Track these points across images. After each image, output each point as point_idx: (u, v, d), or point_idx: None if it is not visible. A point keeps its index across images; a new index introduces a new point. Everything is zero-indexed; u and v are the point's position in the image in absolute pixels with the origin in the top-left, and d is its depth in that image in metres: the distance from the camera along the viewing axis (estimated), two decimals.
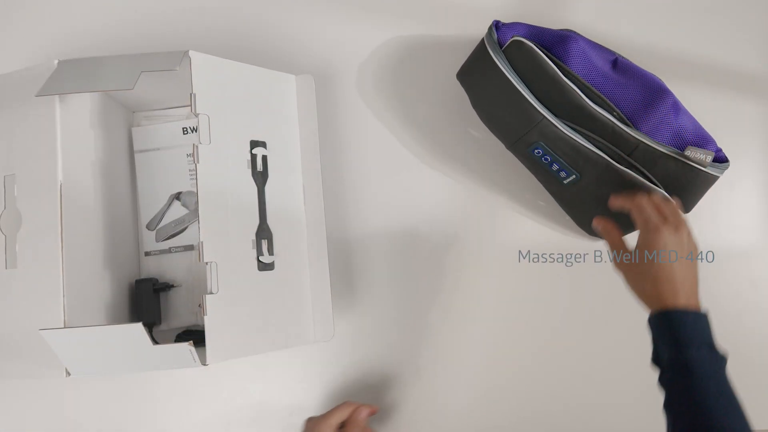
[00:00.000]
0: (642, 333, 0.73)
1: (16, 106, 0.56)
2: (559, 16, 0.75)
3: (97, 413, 0.70)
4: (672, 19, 0.76)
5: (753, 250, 0.74)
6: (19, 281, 0.54)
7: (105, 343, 0.53)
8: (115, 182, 0.67)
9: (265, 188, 0.62)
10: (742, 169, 0.73)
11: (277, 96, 0.65)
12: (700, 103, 0.65)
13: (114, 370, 0.60)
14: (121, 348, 0.54)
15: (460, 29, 0.74)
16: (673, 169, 0.58)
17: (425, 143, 0.74)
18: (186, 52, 0.56)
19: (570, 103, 0.59)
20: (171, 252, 0.68)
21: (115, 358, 0.55)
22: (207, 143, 0.56)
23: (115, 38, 0.75)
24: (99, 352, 0.54)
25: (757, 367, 0.72)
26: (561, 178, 0.63)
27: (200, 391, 0.70)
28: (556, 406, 0.71)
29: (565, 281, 0.72)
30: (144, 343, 0.51)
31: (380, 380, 0.70)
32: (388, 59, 0.75)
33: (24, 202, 0.55)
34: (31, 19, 0.75)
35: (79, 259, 0.56)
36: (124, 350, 0.54)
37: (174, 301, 0.70)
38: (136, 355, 0.54)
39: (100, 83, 0.55)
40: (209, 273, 0.55)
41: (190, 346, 0.52)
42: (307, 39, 0.75)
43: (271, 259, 0.61)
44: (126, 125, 0.71)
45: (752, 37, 0.76)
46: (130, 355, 0.55)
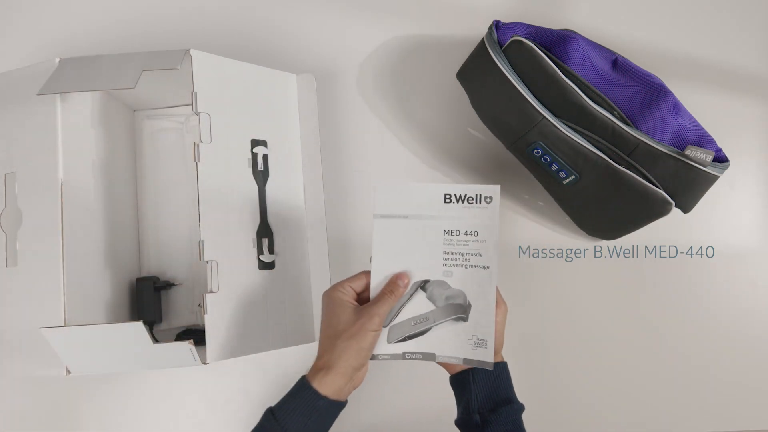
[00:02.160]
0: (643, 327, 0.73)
1: (17, 105, 0.56)
2: (559, 16, 0.75)
3: (97, 412, 0.70)
4: (672, 19, 0.76)
5: (753, 250, 0.74)
6: (20, 279, 0.54)
7: (105, 341, 0.53)
8: (116, 181, 0.67)
9: (266, 187, 0.62)
10: (742, 169, 0.73)
11: (279, 95, 0.65)
12: (700, 103, 0.65)
13: (114, 368, 0.60)
14: (121, 347, 0.54)
15: (460, 29, 0.74)
16: (673, 169, 0.58)
17: (425, 143, 0.74)
18: (187, 51, 0.56)
19: (570, 102, 0.59)
20: (405, 358, 0.52)
21: (115, 356, 0.55)
22: (208, 142, 0.56)
23: (116, 37, 0.75)
24: (99, 350, 0.54)
25: (756, 367, 0.73)
26: (560, 178, 0.63)
27: (200, 391, 0.70)
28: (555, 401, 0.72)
29: (565, 276, 0.72)
30: (144, 342, 0.51)
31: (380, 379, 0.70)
32: (389, 59, 0.75)
33: (25, 200, 0.55)
34: (32, 17, 0.76)
35: (79, 257, 0.57)
36: (125, 349, 0.54)
37: (174, 300, 0.70)
38: (137, 353, 0.54)
39: (101, 82, 0.55)
40: (209, 272, 0.55)
41: (191, 344, 0.52)
42: (309, 38, 0.75)
43: (272, 258, 0.61)
44: (127, 124, 0.71)
45: (752, 37, 0.76)
46: (131, 354, 0.55)
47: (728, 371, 0.72)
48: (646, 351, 0.72)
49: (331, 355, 0.48)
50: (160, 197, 0.72)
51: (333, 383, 0.47)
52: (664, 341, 0.72)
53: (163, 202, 0.71)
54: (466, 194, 0.51)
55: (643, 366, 0.72)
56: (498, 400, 0.51)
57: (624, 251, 0.73)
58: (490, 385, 0.51)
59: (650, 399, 0.72)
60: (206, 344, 0.53)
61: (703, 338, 0.72)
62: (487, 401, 0.50)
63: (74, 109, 0.58)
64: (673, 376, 0.72)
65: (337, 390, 0.47)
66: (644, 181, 0.59)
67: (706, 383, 0.72)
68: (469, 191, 0.51)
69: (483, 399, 0.51)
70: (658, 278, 0.73)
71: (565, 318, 0.72)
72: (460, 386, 0.53)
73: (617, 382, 0.71)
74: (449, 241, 0.51)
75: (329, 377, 0.47)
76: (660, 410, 0.72)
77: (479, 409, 0.50)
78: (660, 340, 0.72)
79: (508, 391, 0.52)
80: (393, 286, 0.51)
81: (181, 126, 0.73)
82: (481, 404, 0.50)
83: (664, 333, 0.72)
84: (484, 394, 0.51)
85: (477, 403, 0.50)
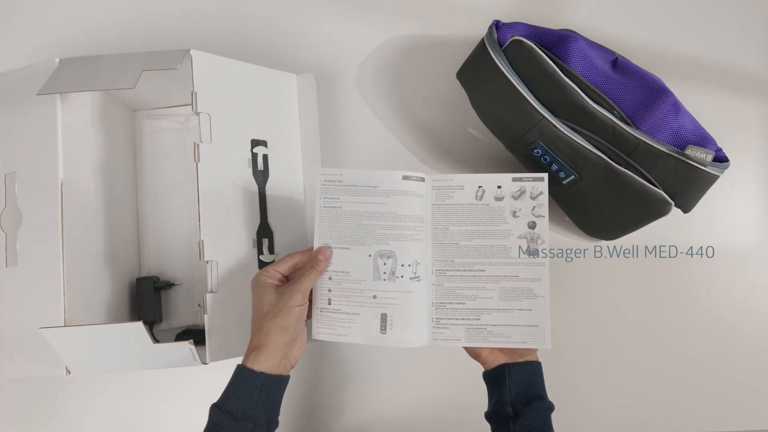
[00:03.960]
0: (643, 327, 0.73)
1: (17, 105, 0.56)
2: (559, 16, 0.75)
3: (97, 411, 0.70)
4: (672, 19, 0.76)
5: (753, 250, 0.74)
6: (20, 279, 0.54)
7: (105, 341, 0.53)
8: (116, 181, 0.67)
9: (266, 187, 0.62)
10: (742, 169, 0.73)
11: (279, 95, 0.65)
12: (700, 103, 0.65)
13: (114, 368, 0.60)
14: (121, 346, 0.54)
15: (460, 29, 0.74)
16: (673, 169, 0.58)
17: (425, 143, 0.74)
18: (187, 51, 0.56)
19: (570, 102, 0.59)
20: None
21: (115, 356, 0.55)
22: (208, 142, 0.56)
23: (116, 37, 0.75)
24: (99, 350, 0.54)
25: (756, 367, 0.73)
26: (560, 178, 0.63)
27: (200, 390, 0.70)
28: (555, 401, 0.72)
29: (565, 276, 0.72)
30: (144, 342, 0.51)
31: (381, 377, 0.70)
32: (389, 59, 0.75)
33: (25, 200, 0.55)
34: (32, 17, 0.76)
35: (79, 257, 0.57)
36: (125, 349, 0.54)
37: (174, 300, 0.70)
38: (137, 353, 0.54)
39: (101, 82, 0.55)
40: (210, 272, 0.55)
41: (191, 344, 0.52)
42: (309, 38, 0.75)
43: (272, 258, 0.61)
44: (127, 124, 0.71)
45: (752, 37, 0.76)
46: (131, 354, 0.55)
47: (728, 371, 0.72)
48: (646, 351, 0.72)
49: (260, 335, 0.50)
50: (160, 197, 0.72)
51: (266, 360, 0.49)
52: (664, 341, 0.72)
53: (163, 202, 0.71)
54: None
55: (643, 366, 0.72)
56: (531, 395, 0.52)
57: (624, 251, 0.73)
58: (524, 381, 0.53)
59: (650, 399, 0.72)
60: (206, 344, 0.54)
61: (703, 338, 0.72)
62: (520, 396, 0.52)
63: (74, 109, 0.58)
64: (673, 375, 0.72)
65: (272, 366, 0.49)
66: (644, 181, 0.59)
67: (706, 383, 0.72)
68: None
69: (517, 393, 0.52)
70: (658, 278, 0.73)
71: (565, 318, 0.72)
72: (494, 380, 0.54)
73: (617, 381, 0.71)
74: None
75: (261, 355, 0.49)
76: (660, 410, 0.72)
77: (512, 401, 0.52)
78: (660, 340, 0.72)
79: (541, 389, 0.54)
80: (314, 261, 0.53)
81: (181, 126, 0.73)
82: (515, 398, 0.52)
83: (664, 333, 0.72)
84: (518, 389, 0.52)
85: (510, 396, 0.52)
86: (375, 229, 0.54)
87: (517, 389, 0.52)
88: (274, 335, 0.49)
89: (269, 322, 0.50)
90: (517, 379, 0.53)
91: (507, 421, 0.51)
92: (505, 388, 0.52)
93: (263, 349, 0.49)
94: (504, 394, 0.52)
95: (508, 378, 0.53)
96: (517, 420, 0.51)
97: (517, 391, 0.52)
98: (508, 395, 0.52)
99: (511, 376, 0.53)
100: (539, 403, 0.52)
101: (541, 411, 0.52)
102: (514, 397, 0.52)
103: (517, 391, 0.52)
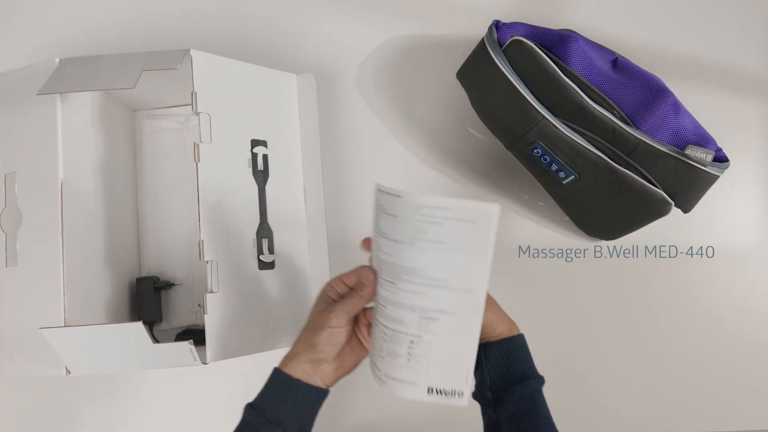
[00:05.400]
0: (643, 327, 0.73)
1: (17, 104, 0.56)
2: (559, 16, 0.75)
3: (96, 412, 0.70)
4: (672, 19, 0.76)
5: (753, 250, 0.74)
6: (20, 279, 0.54)
7: (105, 341, 0.53)
8: (116, 181, 0.67)
9: (266, 187, 0.62)
10: (742, 169, 0.73)
11: (278, 95, 0.65)
12: (700, 103, 0.65)
13: (114, 368, 0.60)
14: (121, 346, 0.54)
15: (460, 29, 0.74)
16: (673, 169, 0.58)
17: (425, 143, 0.74)
18: (187, 50, 0.56)
19: (570, 102, 0.59)
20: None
21: (115, 356, 0.55)
22: (208, 142, 0.56)
23: (116, 37, 0.75)
24: (99, 350, 0.54)
25: (756, 367, 0.73)
26: (560, 178, 0.63)
27: (200, 391, 0.70)
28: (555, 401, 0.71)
29: (565, 276, 0.72)
30: (144, 342, 0.51)
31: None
32: (389, 59, 0.75)
33: (25, 200, 0.55)
34: (32, 17, 0.76)
35: (79, 257, 0.56)
36: (125, 349, 0.54)
37: (174, 300, 0.70)
38: (137, 353, 0.54)
39: (101, 82, 0.55)
40: (209, 272, 0.55)
41: (191, 344, 0.52)
42: (309, 38, 0.75)
43: (272, 258, 0.61)
44: (127, 124, 0.71)
45: (752, 37, 0.76)
46: (131, 354, 0.55)
47: (728, 371, 0.72)
48: (646, 351, 0.72)
49: (296, 344, 0.49)
50: (160, 197, 0.72)
51: (297, 367, 0.47)
52: (664, 341, 0.72)
53: (163, 202, 0.71)
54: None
55: (643, 366, 0.72)
56: (512, 377, 0.49)
57: (624, 251, 0.73)
58: (503, 362, 0.49)
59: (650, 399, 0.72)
60: (206, 344, 0.53)
61: (703, 338, 0.72)
62: (500, 379, 0.49)
63: (74, 109, 0.58)
64: (673, 375, 0.72)
65: (304, 374, 0.47)
66: (644, 181, 0.59)
67: (706, 383, 0.72)
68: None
69: (496, 376, 0.49)
70: (658, 278, 0.73)
71: (565, 318, 0.72)
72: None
73: (617, 381, 0.71)
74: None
75: (293, 362, 0.48)
76: (660, 410, 0.72)
77: (491, 386, 0.49)
78: (660, 340, 0.72)
79: (524, 365, 0.50)
80: (359, 285, 0.47)
81: (181, 126, 0.73)
82: (494, 382, 0.49)
83: (664, 333, 0.72)
84: (496, 372, 0.49)
85: (489, 380, 0.49)
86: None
87: (495, 372, 0.49)
88: (301, 346, 0.48)
89: (304, 333, 0.49)
90: (494, 362, 0.49)
91: (490, 407, 0.49)
92: (484, 371, 0.49)
93: (295, 357, 0.48)
94: (484, 379, 0.49)
95: (485, 361, 0.49)
96: (498, 407, 0.48)
97: (496, 374, 0.49)
98: (488, 379, 0.49)
99: (488, 359, 0.49)
100: (520, 386, 0.48)
101: (524, 391, 0.48)
102: (492, 381, 0.49)
103: (496, 374, 0.49)
